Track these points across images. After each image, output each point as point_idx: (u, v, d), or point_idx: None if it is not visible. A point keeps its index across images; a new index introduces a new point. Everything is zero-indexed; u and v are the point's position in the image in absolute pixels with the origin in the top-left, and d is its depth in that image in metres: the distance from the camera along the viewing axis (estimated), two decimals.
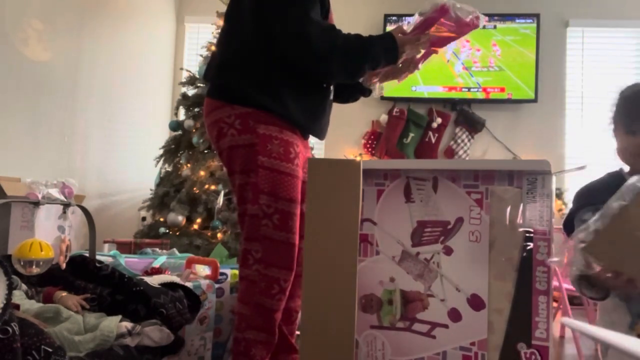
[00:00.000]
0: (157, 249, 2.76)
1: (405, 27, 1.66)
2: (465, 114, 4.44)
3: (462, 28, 1.65)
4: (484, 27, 4.40)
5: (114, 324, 1.40)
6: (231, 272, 2.07)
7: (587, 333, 0.56)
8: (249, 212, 1.60)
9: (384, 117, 4.50)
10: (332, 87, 1.74)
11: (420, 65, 1.75)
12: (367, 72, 1.65)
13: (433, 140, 4.49)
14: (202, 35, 4.57)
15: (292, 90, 1.62)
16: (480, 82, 4.38)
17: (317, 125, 1.71)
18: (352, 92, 1.87)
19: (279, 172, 1.57)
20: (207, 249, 3.20)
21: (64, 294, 1.55)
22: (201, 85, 3.74)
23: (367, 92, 1.87)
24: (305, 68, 1.61)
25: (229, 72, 1.63)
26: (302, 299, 1.36)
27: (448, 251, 1.31)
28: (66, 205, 1.70)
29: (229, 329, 2.00)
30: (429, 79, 4.42)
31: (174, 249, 2.81)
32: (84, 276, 1.68)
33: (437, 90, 4.43)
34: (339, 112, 1.87)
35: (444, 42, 1.71)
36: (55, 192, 1.71)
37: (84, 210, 1.79)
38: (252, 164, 1.58)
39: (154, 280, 1.73)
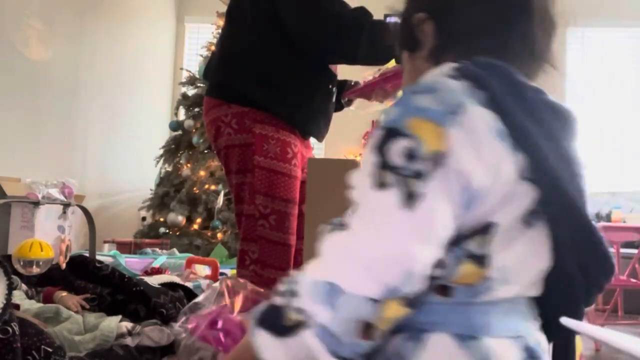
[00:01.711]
0: (157, 249, 2.77)
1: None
2: None
3: None
4: None
5: (114, 324, 1.40)
6: (231, 272, 2.08)
7: (586, 333, 0.56)
8: (245, 213, 1.59)
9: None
10: (335, 89, 1.73)
11: (393, 95, 1.68)
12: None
13: None
14: (202, 35, 4.56)
15: (291, 90, 1.61)
16: None
17: (314, 126, 1.69)
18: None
19: (275, 172, 1.56)
20: (207, 249, 3.20)
21: (64, 294, 1.55)
22: (201, 85, 3.74)
23: (343, 105, 1.80)
24: (330, 56, 1.60)
25: (227, 71, 1.63)
26: None
27: None
28: (66, 205, 1.70)
29: None
30: None
31: (174, 249, 2.82)
32: (84, 276, 1.68)
33: None
34: (339, 112, 1.86)
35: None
36: (55, 192, 1.71)
37: (84, 210, 1.79)
38: (248, 163, 1.57)
39: (154, 280, 1.73)
